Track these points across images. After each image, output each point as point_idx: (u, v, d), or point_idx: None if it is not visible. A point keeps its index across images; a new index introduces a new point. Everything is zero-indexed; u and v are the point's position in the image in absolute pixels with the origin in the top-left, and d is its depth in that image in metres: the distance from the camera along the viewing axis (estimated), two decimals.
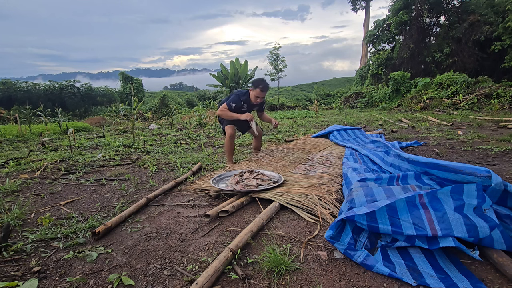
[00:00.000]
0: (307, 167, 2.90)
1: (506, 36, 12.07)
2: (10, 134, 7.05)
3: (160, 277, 1.28)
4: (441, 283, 1.15)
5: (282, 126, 7.82)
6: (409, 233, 1.32)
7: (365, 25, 27.19)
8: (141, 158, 3.90)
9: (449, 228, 1.28)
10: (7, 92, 17.19)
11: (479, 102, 10.21)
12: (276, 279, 1.23)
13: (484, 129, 5.71)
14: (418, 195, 1.44)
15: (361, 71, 20.91)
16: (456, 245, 1.23)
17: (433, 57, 15.04)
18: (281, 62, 21.08)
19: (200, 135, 6.19)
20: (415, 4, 15.16)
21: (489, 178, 1.43)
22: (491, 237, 1.27)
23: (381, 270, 1.24)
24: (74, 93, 18.72)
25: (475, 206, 1.33)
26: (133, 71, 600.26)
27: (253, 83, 3.19)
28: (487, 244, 1.28)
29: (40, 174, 3.12)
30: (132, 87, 8.29)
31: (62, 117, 8.04)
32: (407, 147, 4.09)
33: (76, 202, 2.27)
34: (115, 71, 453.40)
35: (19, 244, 1.54)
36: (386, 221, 1.38)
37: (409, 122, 7.24)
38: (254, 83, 3.19)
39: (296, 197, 2.01)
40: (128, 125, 9.00)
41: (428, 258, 1.31)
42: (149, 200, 2.14)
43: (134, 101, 6.55)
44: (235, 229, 1.71)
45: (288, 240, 1.56)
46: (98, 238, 1.62)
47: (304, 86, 45.22)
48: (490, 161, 3.07)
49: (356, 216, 1.41)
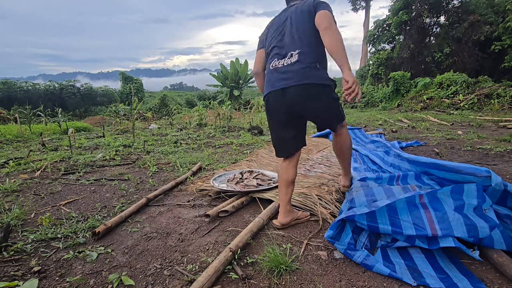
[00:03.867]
0: (307, 167, 2.90)
1: (506, 36, 12.06)
2: (10, 134, 7.05)
3: (160, 277, 1.28)
4: (441, 283, 1.15)
5: None
6: (409, 233, 1.32)
7: (365, 25, 27.19)
8: (141, 158, 3.90)
9: (449, 228, 1.29)
10: (7, 92, 17.19)
11: (479, 102, 10.21)
12: (276, 279, 1.23)
13: (484, 129, 5.71)
14: (418, 195, 1.44)
15: (361, 71, 20.90)
16: (456, 245, 1.23)
17: (433, 57, 15.04)
18: None
19: (200, 135, 6.19)
20: (415, 4, 15.15)
21: (489, 178, 1.43)
22: (491, 237, 1.27)
23: (381, 270, 1.24)
24: (74, 93, 18.72)
25: (475, 206, 1.33)
26: (133, 71, 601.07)
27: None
28: (487, 244, 1.28)
29: (40, 174, 3.12)
30: (132, 87, 8.29)
31: (62, 117, 8.04)
32: (407, 147, 4.09)
33: (76, 202, 2.27)
34: (115, 71, 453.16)
35: (19, 244, 1.54)
36: (386, 221, 1.38)
37: (409, 122, 7.24)
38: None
39: (296, 197, 2.01)
40: (128, 125, 8.99)
41: (428, 258, 1.31)
42: (149, 200, 2.14)
43: (134, 101, 6.54)
44: (235, 229, 1.71)
45: (288, 240, 1.56)
46: (98, 238, 1.62)
47: None
48: (490, 161, 3.07)
49: (356, 216, 1.41)
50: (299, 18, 1.58)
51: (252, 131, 6.21)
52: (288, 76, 1.54)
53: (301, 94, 1.53)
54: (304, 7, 1.59)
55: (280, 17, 1.69)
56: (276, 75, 1.59)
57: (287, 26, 1.61)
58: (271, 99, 1.63)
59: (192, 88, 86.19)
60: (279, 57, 1.60)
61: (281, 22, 1.66)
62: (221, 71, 21.08)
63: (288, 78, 1.54)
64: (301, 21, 1.57)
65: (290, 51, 1.56)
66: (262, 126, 7.31)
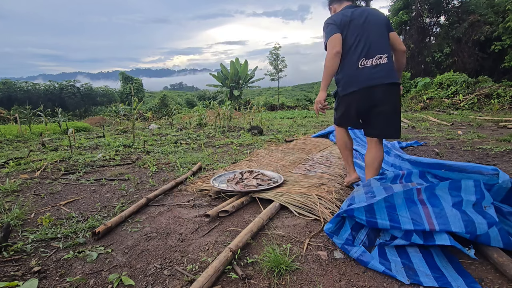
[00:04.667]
0: (307, 167, 2.90)
1: (506, 36, 12.06)
2: (10, 134, 7.05)
3: (160, 277, 1.28)
4: (434, 282, 1.15)
5: (282, 126, 7.82)
6: (407, 228, 1.33)
7: None
8: (141, 158, 3.90)
9: (446, 223, 1.29)
10: (7, 92, 17.20)
11: (479, 102, 10.21)
12: (276, 279, 1.23)
13: (484, 129, 5.71)
14: (416, 189, 1.45)
15: None
16: (452, 243, 1.23)
17: (433, 57, 15.05)
18: (281, 62, 21.09)
19: (200, 135, 6.19)
20: (415, 4, 15.16)
21: (496, 176, 1.42)
22: (488, 234, 1.27)
23: (376, 266, 1.25)
24: (74, 93, 18.74)
25: (474, 202, 1.33)
26: (133, 71, 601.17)
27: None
28: (483, 241, 1.29)
29: (40, 174, 3.12)
30: (132, 87, 8.28)
31: (62, 117, 8.04)
32: (407, 147, 4.09)
33: (76, 202, 2.27)
34: (115, 71, 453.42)
35: (19, 244, 1.54)
36: (384, 217, 1.40)
37: (409, 122, 7.24)
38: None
39: (296, 197, 2.01)
40: (128, 125, 9.00)
41: (426, 257, 1.31)
42: (149, 200, 2.14)
43: (134, 101, 6.54)
44: (235, 229, 1.71)
45: (288, 240, 1.56)
46: (98, 238, 1.62)
47: (304, 86, 45.24)
48: (490, 161, 3.07)
49: (355, 211, 1.43)
50: (380, 28, 1.90)
51: (252, 131, 6.21)
52: (380, 75, 1.83)
53: (387, 91, 1.85)
54: (380, 19, 1.91)
55: (357, 17, 1.90)
56: (366, 71, 1.85)
57: (371, 30, 1.87)
58: (358, 95, 1.89)
59: (192, 88, 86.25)
60: (368, 56, 1.84)
61: (361, 23, 1.88)
62: (221, 71, 21.09)
63: (380, 77, 1.83)
64: (382, 31, 1.90)
65: (379, 54, 1.85)
66: (262, 126, 7.32)
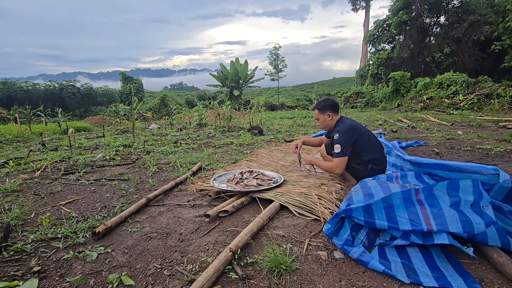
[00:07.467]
0: (307, 167, 2.89)
1: (506, 36, 12.06)
2: (10, 134, 7.05)
3: (160, 277, 1.28)
4: (434, 282, 1.15)
5: (282, 126, 7.82)
6: (405, 228, 1.33)
7: (365, 25, 27.20)
8: (141, 158, 3.90)
9: (444, 223, 1.29)
10: (7, 92, 17.18)
11: (479, 102, 10.21)
12: (276, 279, 1.23)
13: (484, 129, 5.71)
14: (414, 189, 1.45)
15: (361, 71, 20.91)
16: (451, 242, 1.23)
17: (433, 57, 15.04)
18: (281, 62, 21.09)
19: (200, 135, 6.19)
20: (415, 4, 15.16)
21: (497, 175, 1.42)
22: (485, 233, 1.27)
23: (375, 266, 1.25)
24: (74, 93, 18.72)
25: (472, 202, 1.33)
26: (133, 71, 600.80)
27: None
28: (481, 240, 1.29)
29: (40, 174, 3.12)
30: (132, 87, 8.29)
31: (62, 117, 8.04)
32: (407, 147, 4.09)
33: (76, 202, 2.27)
34: (115, 71, 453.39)
35: (19, 244, 1.54)
36: (383, 217, 1.40)
37: (409, 122, 7.25)
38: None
39: (296, 197, 2.01)
40: (128, 125, 9.00)
41: (426, 257, 1.31)
42: (149, 200, 2.14)
43: (134, 101, 6.54)
44: (235, 229, 1.71)
45: (288, 240, 1.56)
46: (98, 238, 1.62)
47: (304, 86, 45.23)
48: (490, 161, 3.07)
49: (353, 211, 1.43)
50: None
51: (252, 131, 6.21)
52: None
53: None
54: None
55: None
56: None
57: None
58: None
59: (192, 88, 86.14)
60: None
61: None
62: (221, 71, 21.09)
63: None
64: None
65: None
66: (262, 126, 7.32)
